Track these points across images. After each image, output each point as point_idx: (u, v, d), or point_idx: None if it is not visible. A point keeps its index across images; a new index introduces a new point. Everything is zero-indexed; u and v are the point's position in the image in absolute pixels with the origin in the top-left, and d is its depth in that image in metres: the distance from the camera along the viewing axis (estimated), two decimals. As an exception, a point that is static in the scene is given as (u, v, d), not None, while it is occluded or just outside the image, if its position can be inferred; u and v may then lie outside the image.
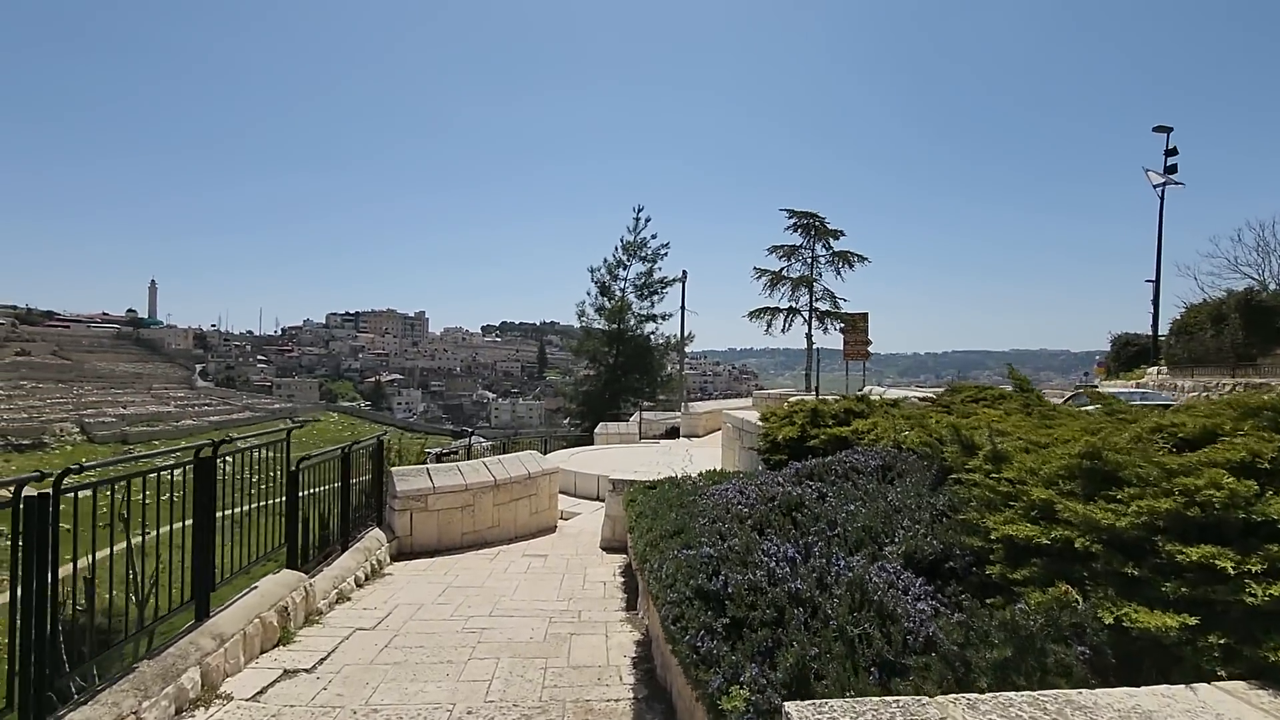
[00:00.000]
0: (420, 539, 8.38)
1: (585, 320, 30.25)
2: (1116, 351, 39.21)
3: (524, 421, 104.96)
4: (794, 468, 4.96)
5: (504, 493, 9.30)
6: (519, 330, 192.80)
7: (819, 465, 4.63)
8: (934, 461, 4.10)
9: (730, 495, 4.12)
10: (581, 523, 10.90)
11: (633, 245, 30.09)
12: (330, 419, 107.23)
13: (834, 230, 20.77)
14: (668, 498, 4.84)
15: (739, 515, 3.66)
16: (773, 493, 3.93)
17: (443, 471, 8.79)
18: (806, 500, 3.70)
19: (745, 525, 3.50)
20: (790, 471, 4.89)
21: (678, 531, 3.57)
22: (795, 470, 4.83)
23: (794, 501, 3.70)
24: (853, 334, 28.16)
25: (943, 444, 4.11)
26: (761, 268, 21.28)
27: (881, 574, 2.89)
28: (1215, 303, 23.28)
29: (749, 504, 3.85)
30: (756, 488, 4.16)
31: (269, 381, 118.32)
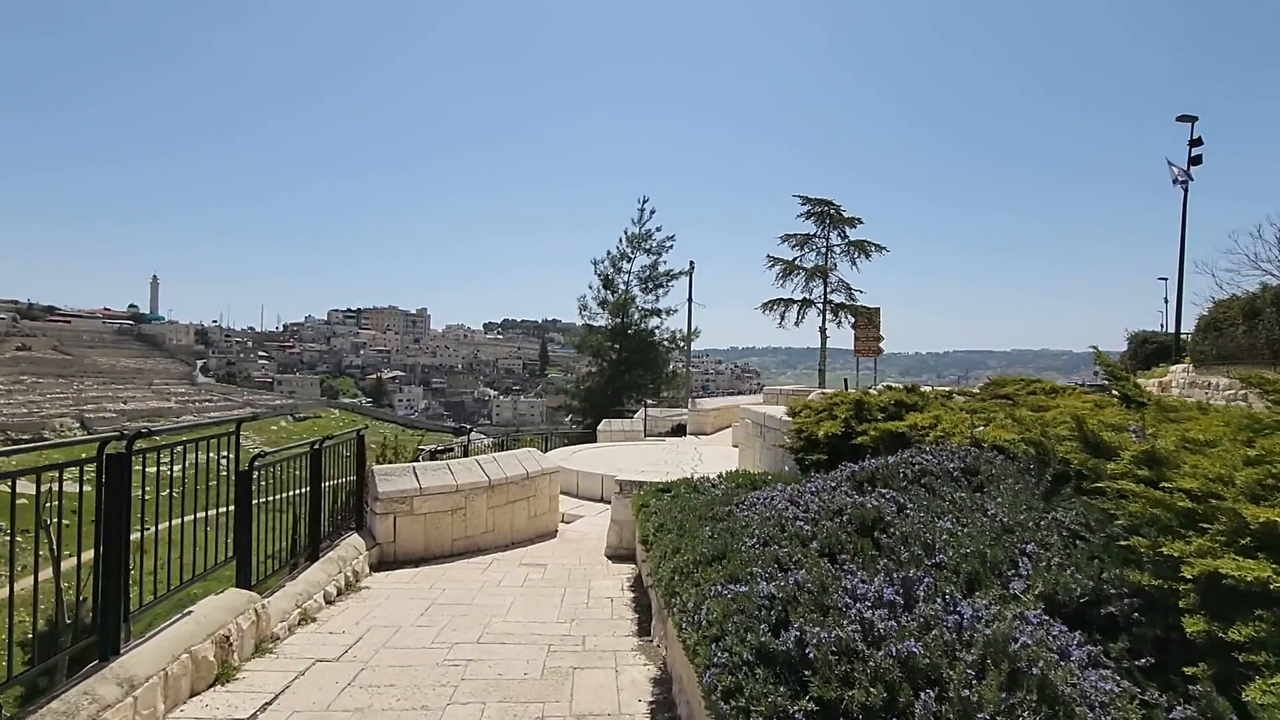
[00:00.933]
0: (404, 546, 7.49)
1: (587, 315, 29.36)
2: (1134, 350, 38.17)
3: (525, 419, 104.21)
4: (846, 470, 4.06)
5: (499, 494, 8.41)
6: (521, 328, 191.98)
7: (881, 467, 3.73)
8: (1041, 465, 3.20)
9: (779, 505, 3.24)
10: (584, 527, 10.00)
11: (637, 237, 29.15)
12: (331, 415, 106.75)
13: (850, 218, 19.82)
14: (693, 506, 3.95)
15: (799, 535, 2.77)
16: (838, 503, 3.04)
17: (431, 471, 7.90)
18: (886, 514, 2.81)
19: (810, 549, 2.62)
20: (843, 475, 4.00)
21: (718, 556, 2.68)
22: (850, 474, 3.93)
23: (870, 516, 2.81)
24: (864, 329, 27.26)
25: (1049, 441, 3.21)
26: (775, 256, 20.36)
27: (1026, 628, 1.99)
28: (1248, 297, 22.30)
29: (809, 518, 2.96)
30: (815, 497, 3.27)
31: (270, 378, 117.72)
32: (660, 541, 3.53)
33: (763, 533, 2.84)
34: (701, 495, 6.27)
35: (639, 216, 29.15)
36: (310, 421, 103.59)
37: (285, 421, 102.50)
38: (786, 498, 3.37)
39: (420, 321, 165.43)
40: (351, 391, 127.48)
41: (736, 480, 6.42)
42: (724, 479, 6.61)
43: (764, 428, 8.14)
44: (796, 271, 20.23)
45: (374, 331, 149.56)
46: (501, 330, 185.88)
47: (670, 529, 3.57)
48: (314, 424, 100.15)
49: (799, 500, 3.28)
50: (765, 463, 8.07)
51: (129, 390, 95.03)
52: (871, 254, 19.65)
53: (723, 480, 6.56)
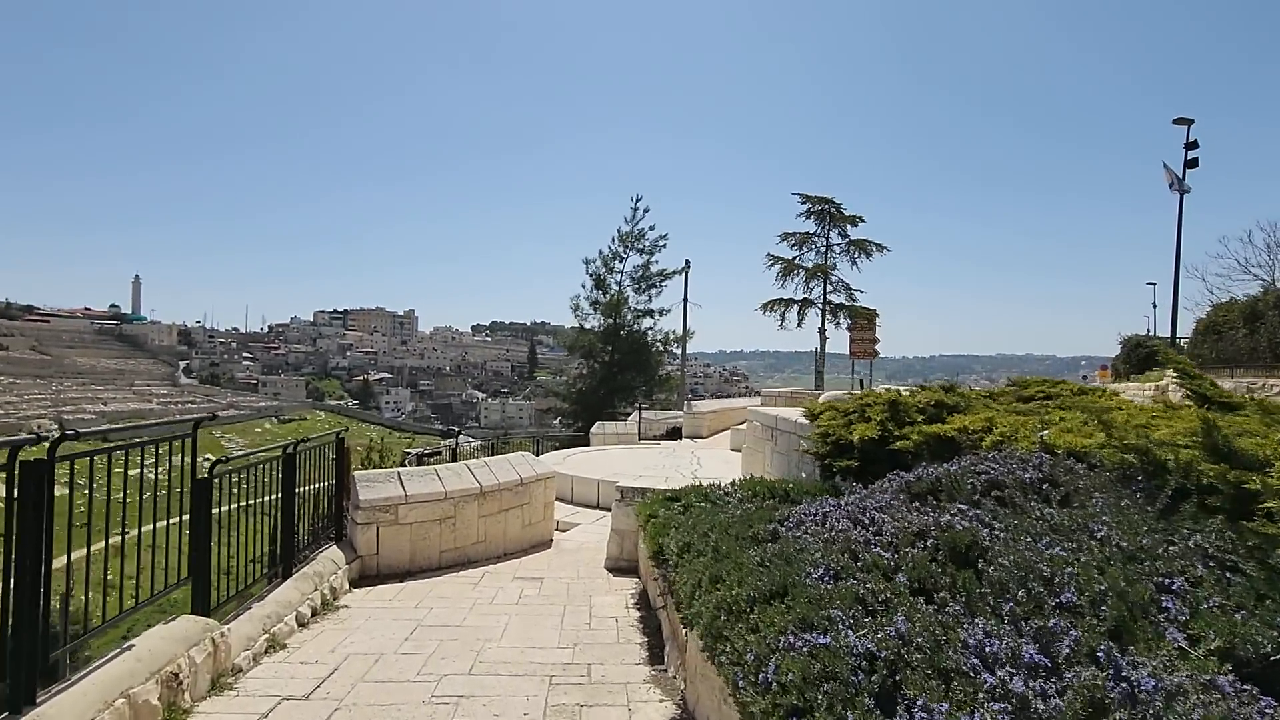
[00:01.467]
0: (388, 558, 6.89)
1: (579, 315, 28.73)
2: (1127, 354, 38.03)
3: (514, 421, 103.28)
4: (897, 480, 3.53)
5: (491, 501, 7.83)
6: (509, 330, 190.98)
7: (943, 478, 3.20)
8: (1148, 476, 2.68)
9: (839, 525, 2.70)
10: (581, 536, 9.43)
11: (630, 236, 28.57)
12: (317, 417, 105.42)
13: (851, 216, 19.37)
14: (723, 523, 3.39)
15: (878, 565, 2.23)
16: (918, 524, 2.50)
17: (418, 477, 7.31)
18: (982, 539, 2.27)
19: (896, 584, 2.08)
20: (893, 485, 3.47)
21: (778, 592, 2.14)
22: (902, 485, 3.40)
23: (963, 541, 2.27)
24: (860, 332, 26.86)
25: (1157, 449, 2.69)
26: (775, 255, 19.85)
27: (1223, 702, 1.46)
28: (1249, 300, 22.15)
29: (885, 542, 2.43)
30: (885, 515, 2.72)
31: (255, 379, 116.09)
32: (689, 566, 2.97)
33: (829, 561, 2.30)
34: (717, 506, 5.74)
35: (632, 215, 28.64)
36: (295, 423, 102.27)
37: (270, 423, 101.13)
38: (845, 515, 2.83)
39: (408, 323, 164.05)
40: (338, 393, 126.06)
41: (753, 488, 5.89)
42: (739, 487, 6.07)
43: (776, 431, 7.61)
44: (797, 271, 19.75)
45: (361, 333, 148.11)
46: (490, 332, 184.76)
47: (701, 550, 3.02)
48: (299, 426, 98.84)
49: (862, 518, 2.73)
50: (777, 468, 7.54)
51: (109, 391, 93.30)
52: (873, 253, 19.22)
53: (738, 489, 6.02)
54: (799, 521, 2.97)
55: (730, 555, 2.67)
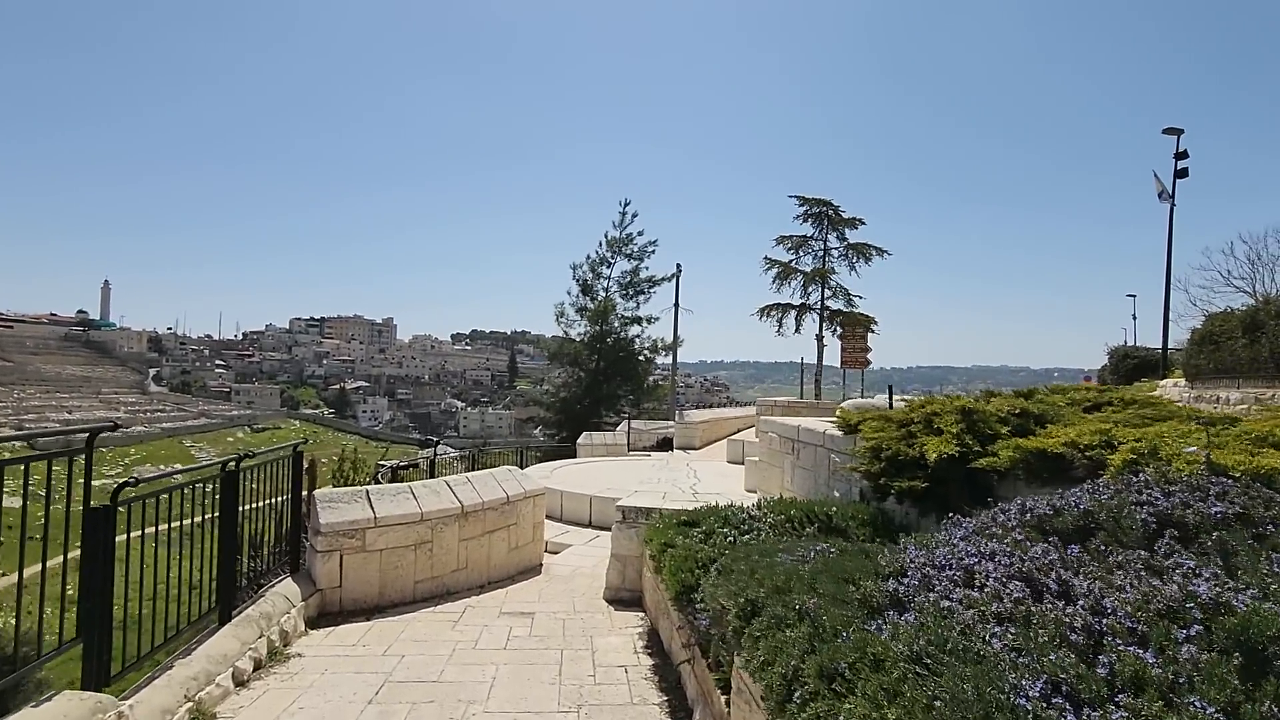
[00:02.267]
0: (354, 591, 5.91)
1: (564, 322, 27.79)
2: (1115, 364, 37.89)
3: (494, 431, 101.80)
4: (1013, 513, 2.66)
5: (474, 523, 6.88)
6: (489, 339, 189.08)
7: (1097, 510, 2.35)
8: None
9: (1009, 588, 1.81)
10: (574, 559, 8.49)
11: (618, 241, 27.71)
12: (292, 426, 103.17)
13: (850, 219, 18.62)
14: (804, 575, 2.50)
15: (1146, 678, 1.36)
16: (1164, 596, 1.62)
17: (389, 496, 6.34)
18: None
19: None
20: (1013, 519, 2.61)
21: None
22: (1030, 519, 2.55)
23: (1266, 631, 1.42)
24: (851, 340, 26.19)
25: None
26: (772, 259, 19.08)
27: None
28: (1248, 310, 21.84)
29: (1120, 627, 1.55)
30: (1074, 574, 1.85)
31: (227, 387, 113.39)
32: (769, 643, 2.04)
33: (1042, 663, 1.43)
34: (741, 531, 4.86)
35: (620, 219, 27.80)
36: (269, 433, 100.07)
37: (242, 432, 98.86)
38: (1007, 570, 1.94)
39: (386, 331, 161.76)
40: (313, 402, 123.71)
41: (785, 512, 5.02)
42: (768, 510, 5.20)
43: (798, 443, 6.75)
44: (794, 275, 19.00)
45: (338, 341, 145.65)
46: (470, 341, 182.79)
47: (785, 619, 2.11)
48: (273, 435, 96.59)
49: (1042, 578, 1.86)
50: (800, 486, 6.68)
51: (75, 399, 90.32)
52: (872, 258, 18.52)
53: (767, 511, 5.14)
54: (925, 577, 2.11)
55: (838, 632, 1.79)
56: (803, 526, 4.71)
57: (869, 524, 4.68)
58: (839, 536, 4.56)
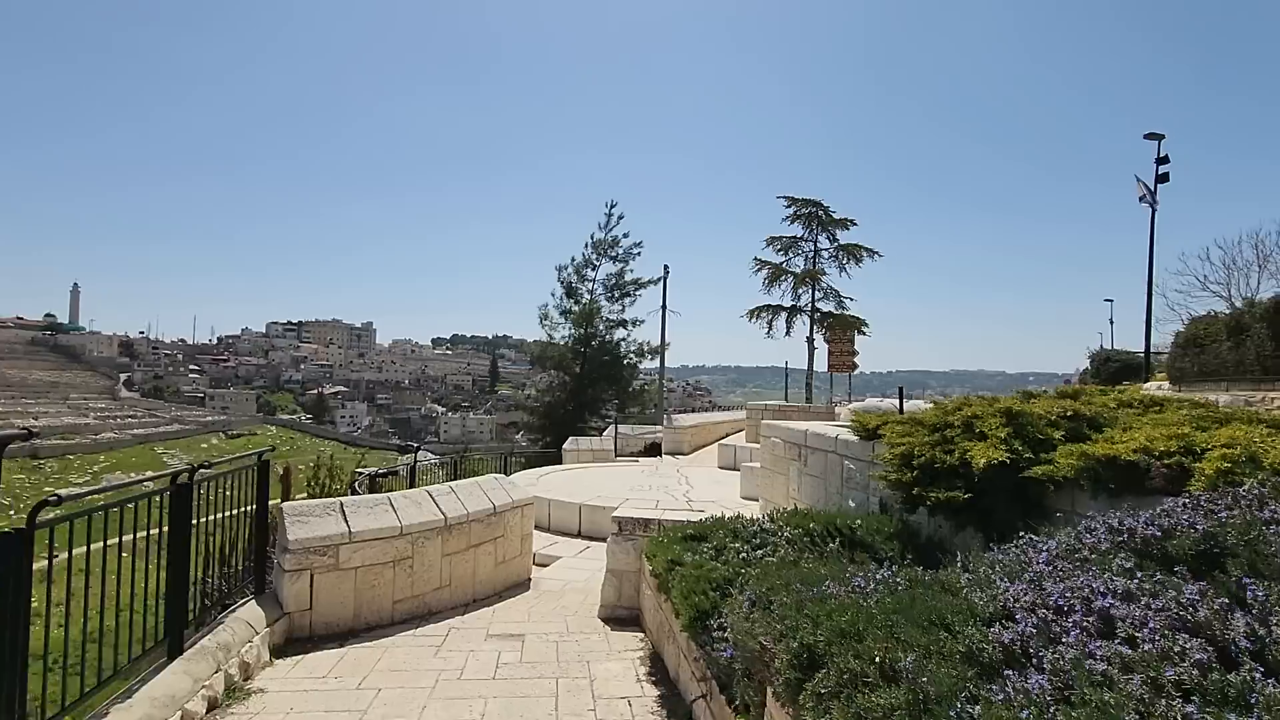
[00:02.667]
0: (326, 614, 5.38)
1: (548, 325, 27.24)
2: (1096, 368, 38.08)
3: (475, 436, 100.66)
4: (1100, 532, 2.25)
5: (459, 536, 6.38)
6: (471, 343, 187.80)
7: (1222, 533, 1.94)
8: None
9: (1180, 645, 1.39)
10: (564, 571, 8.01)
11: (603, 243, 27.24)
12: (268, 432, 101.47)
13: (841, 220, 18.35)
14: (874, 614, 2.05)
15: None
16: None
17: (365, 508, 5.81)
18: None
19: None
20: (1102, 540, 2.19)
21: None
22: (1124, 539, 2.13)
23: None
24: (839, 344, 25.91)
25: None
26: (762, 259, 18.72)
27: None
28: (1234, 313, 21.95)
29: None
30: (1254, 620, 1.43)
31: (202, 393, 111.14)
32: (846, 707, 1.58)
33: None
34: (754, 546, 4.42)
35: (606, 221, 27.36)
36: (245, 439, 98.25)
37: (217, 439, 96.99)
38: (1179, 621, 1.51)
39: (365, 336, 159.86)
40: (290, 407, 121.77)
41: (803, 525, 4.58)
42: (782, 522, 4.76)
43: (805, 449, 6.32)
44: (784, 276, 18.65)
45: (316, 345, 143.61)
46: (451, 346, 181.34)
47: (863, 675, 1.65)
48: (249, 441, 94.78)
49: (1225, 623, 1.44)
50: (808, 494, 6.25)
51: (41, 405, 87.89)
52: (863, 259, 18.20)
53: (781, 524, 4.71)
54: (1043, 623, 1.67)
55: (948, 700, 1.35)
56: (824, 542, 4.27)
57: (895, 539, 4.27)
58: (863, 553, 4.13)
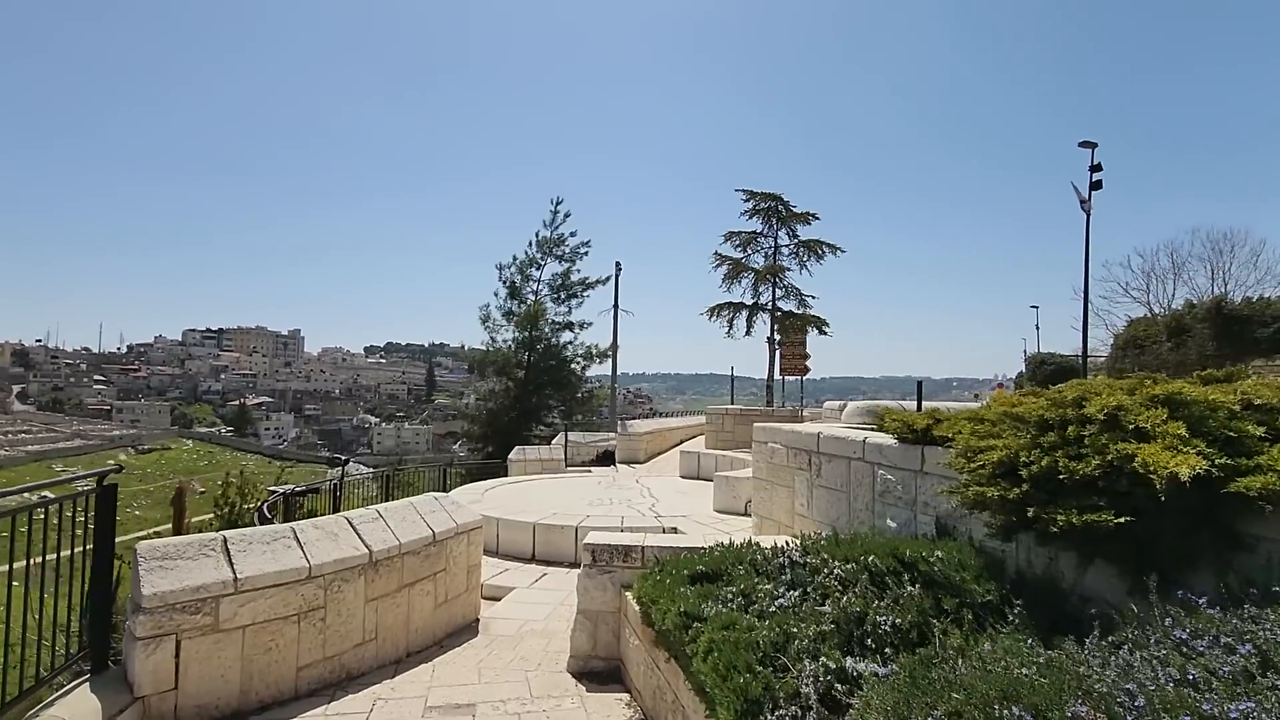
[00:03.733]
0: (200, 693, 3.93)
1: (491, 327, 25.60)
2: (1032, 370, 39.00)
3: (410, 447, 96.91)
4: None
5: (388, 575, 5.01)
6: (406, 351, 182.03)
7: None
8: None
9: None
10: (519, 608, 6.70)
11: (549, 241, 25.83)
12: (182, 447, 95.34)
13: (802, 214, 17.59)
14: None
15: None
16: None
17: (259, 546, 4.37)
18: None
19: None
20: None
21: None
22: None
23: None
24: (790, 345, 25.29)
25: None
26: (723, 254, 17.74)
27: None
28: (1173, 314, 22.48)
29: None
30: None
31: (108, 405, 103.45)
32: None
33: None
34: (791, 585, 3.29)
35: (551, 218, 25.96)
36: (158, 454, 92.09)
37: (126, 454, 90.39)
38: None
39: (292, 343, 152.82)
40: (209, 420, 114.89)
41: (856, 557, 3.47)
42: (823, 552, 3.63)
43: (818, 456, 5.23)
44: (745, 273, 17.71)
45: (238, 354, 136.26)
46: (384, 354, 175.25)
47: None
48: (161, 456, 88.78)
49: None
50: (824, 512, 5.15)
51: (-80, 420, 79.72)
52: (825, 255, 17.49)
53: (824, 555, 3.58)
54: None
55: None
56: (896, 582, 3.15)
57: (986, 577, 3.19)
58: (951, 597, 3.04)
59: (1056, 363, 37.58)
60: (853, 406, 6.53)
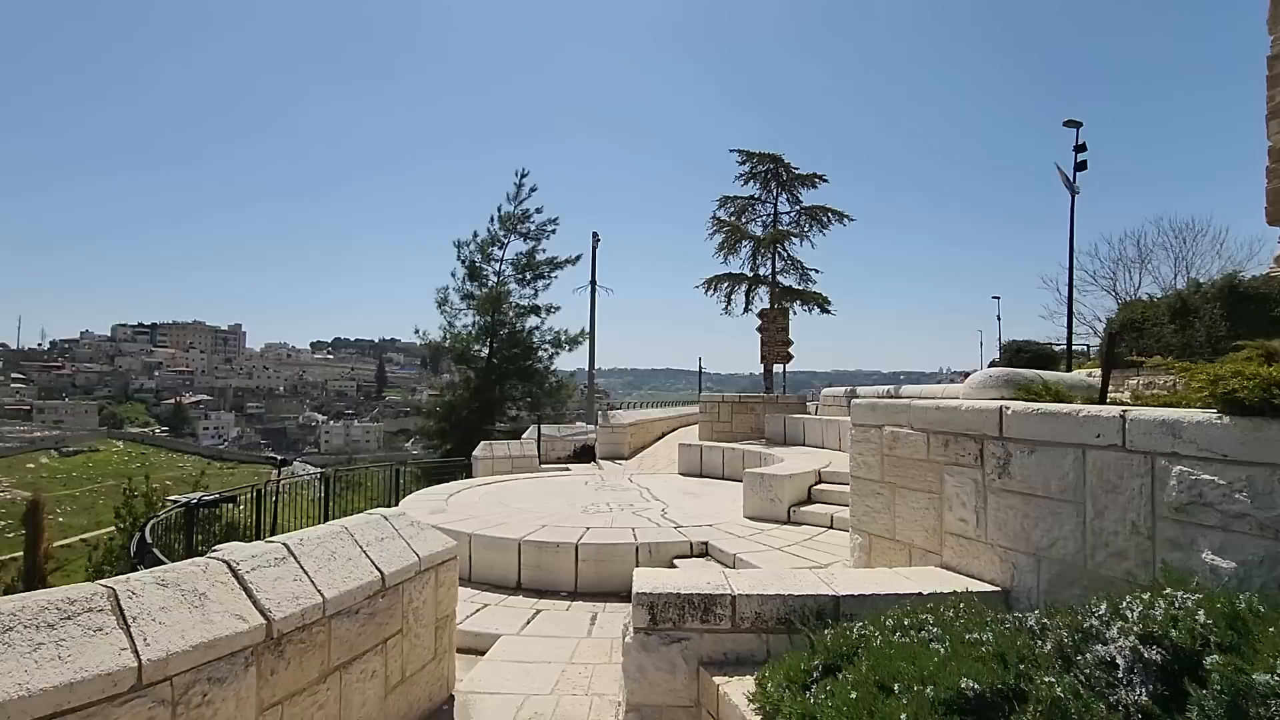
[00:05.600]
0: None
1: (448, 311, 23.13)
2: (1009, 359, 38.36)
3: (360, 446, 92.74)
4: None
5: (303, 657, 2.92)
6: (354, 347, 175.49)
7: None
8: None
9: None
10: (513, 672, 4.61)
11: (513, 217, 23.49)
12: (113, 449, 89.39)
13: (807, 176, 15.70)
14: None
15: None
16: None
17: (40, 633, 2.22)
18: None
19: None
20: None
21: None
22: None
23: None
24: (771, 331, 23.56)
25: None
26: (720, 219, 15.72)
27: None
28: (1174, 294, 21.63)
29: None
30: None
31: (28, 404, 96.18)
32: None
33: None
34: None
35: (515, 192, 23.62)
36: (84, 456, 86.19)
37: (48, 457, 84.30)
38: None
39: (233, 339, 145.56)
40: (143, 419, 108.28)
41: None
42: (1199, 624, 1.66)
43: (1007, 443, 3.31)
44: (744, 241, 15.75)
45: (173, 350, 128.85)
46: (332, 349, 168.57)
47: None
48: (89, 459, 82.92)
49: None
50: (1015, 534, 3.24)
51: None
52: (830, 224, 15.66)
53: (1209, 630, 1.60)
54: None
55: None
56: None
57: None
58: None
59: (1034, 350, 36.91)
60: (983, 376, 4.66)
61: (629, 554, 6.32)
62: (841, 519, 6.90)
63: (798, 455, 9.67)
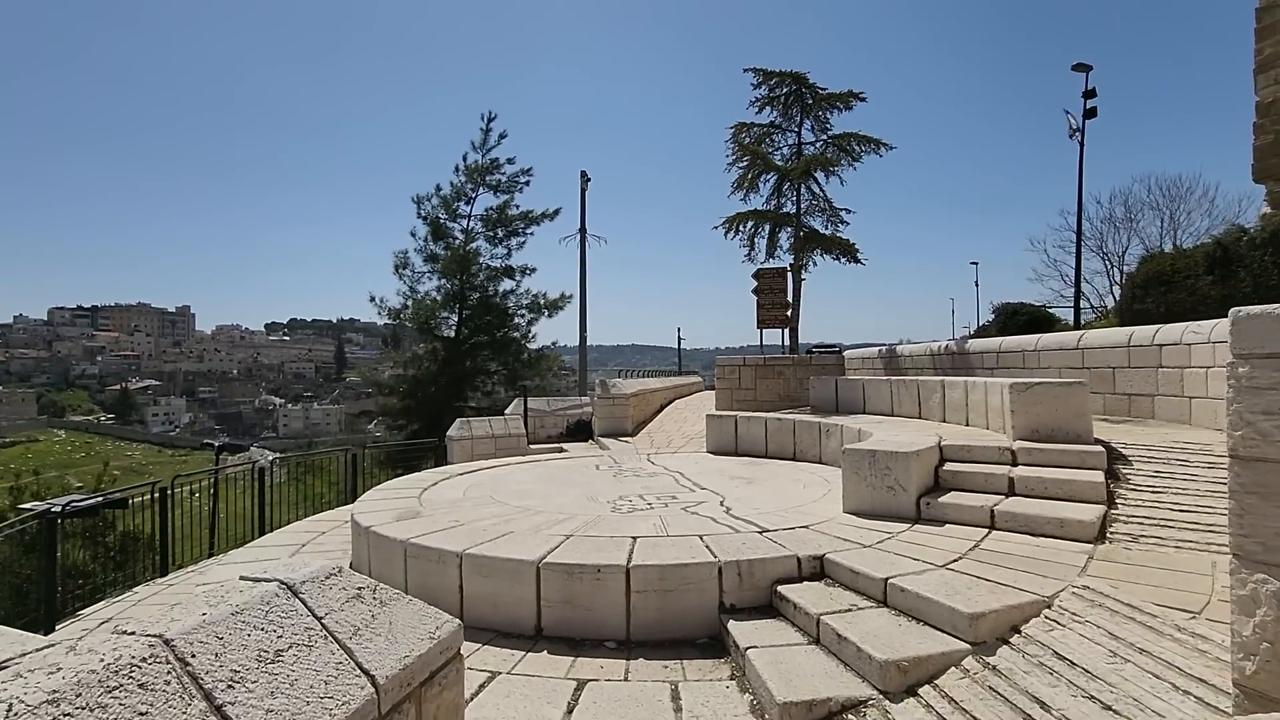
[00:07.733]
0: None
1: (409, 276, 20.47)
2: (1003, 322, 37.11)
3: (320, 429, 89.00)
4: None
5: None
6: (312, 328, 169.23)
7: None
8: None
9: None
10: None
11: (481, 168, 20.80)
12: (54, 438, 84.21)
13: (840, 95, 13.34)
14: None
15: None
16: None
17: None
18: None
19: None
20: None
21: None
22: None
23: None
24: (769, 294, 21.51)
25: None
26: (742, 145, 13.29)
27: None
28: (1213, 242, 20.22)
29: None
30: None
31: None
32: None
33: None
34: None
35: (483, 139, 20.92)
36: (22, 447, 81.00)
37: None
38: None
39: (181, 321, 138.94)
40: (86, 407, 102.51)
41: None
42: None
43: None
44: (767, 174, 13.40)
45: (117, 333, 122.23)
46: (288, 330, 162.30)
47: None
48: (27, 449, 77.88)
49: None
50: None
51: None
52: (861, 155, 13.38)
53: None
54: None
55: None
56: None
57: None
58: None
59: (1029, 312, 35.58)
60: None
61: (708, 578, 4.15)
62: (1007, 515, 4.81)
63: (886, 426, 7.57)
